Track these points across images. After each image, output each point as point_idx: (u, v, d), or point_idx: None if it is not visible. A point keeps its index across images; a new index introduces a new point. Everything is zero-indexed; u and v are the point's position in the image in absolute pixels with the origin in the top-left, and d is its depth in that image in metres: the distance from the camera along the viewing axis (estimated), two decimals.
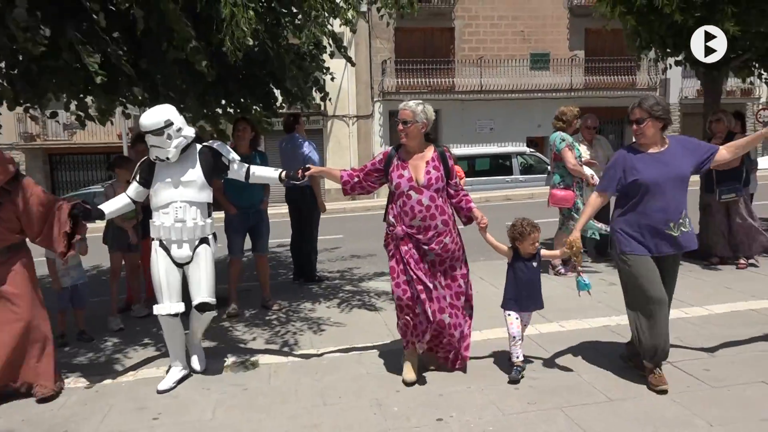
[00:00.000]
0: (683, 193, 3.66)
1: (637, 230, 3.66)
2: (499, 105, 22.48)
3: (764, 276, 6.29)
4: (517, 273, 3.98)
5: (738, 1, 6.01)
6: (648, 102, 3.66)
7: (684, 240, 3.63)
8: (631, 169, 3.67)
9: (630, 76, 23.20)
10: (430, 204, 3.81)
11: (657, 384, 3.65)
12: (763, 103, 24.55)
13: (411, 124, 3.83)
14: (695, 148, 3.73)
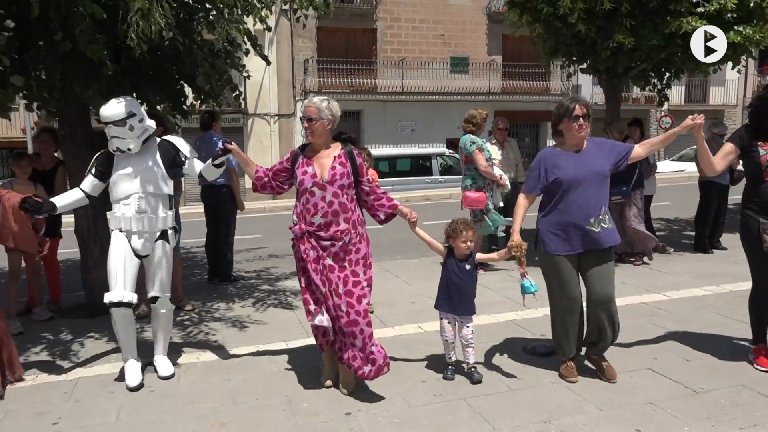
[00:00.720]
0: (603, 191, 3.82)
1: (560, 228, 3.80)
2: (420, 106, 22.86)
3: (656, 271, 6.75)
4: (450, 274, 3.95)
5: (634, 15, 6.43)
6: (585, 101, 3.85)
7: (605, 235, 3.79)
8: (552, 167, 3.83)
9: (544, 82, 24.14)
10: (333, 200, 3.70)
11: (567, 375, 3.88)
12: (665, 110, 26.19)
13: (316, 120, 3.75)
14: (611, 147, 3.95)
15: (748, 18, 6.68)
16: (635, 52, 6.90)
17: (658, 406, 3.48)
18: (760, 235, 3.80)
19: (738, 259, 7.06)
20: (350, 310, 3.64)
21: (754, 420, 3.29)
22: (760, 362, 3.97)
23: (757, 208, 3.85)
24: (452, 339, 3.98)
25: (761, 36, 6.64)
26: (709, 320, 5.01)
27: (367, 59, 22.40)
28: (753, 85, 28.32)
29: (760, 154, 3.80)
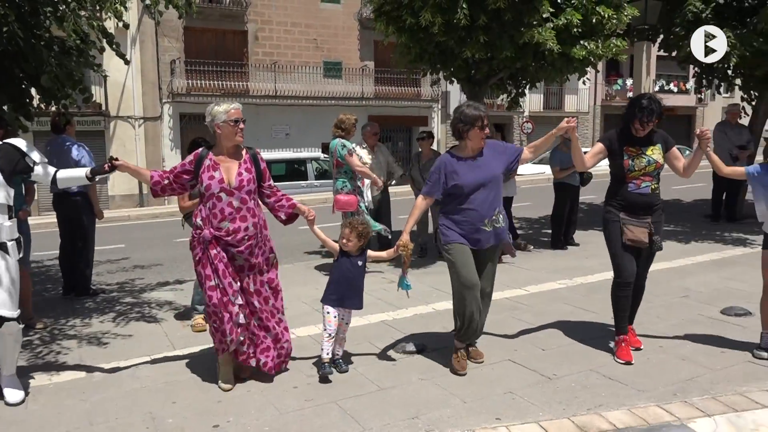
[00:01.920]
0: (498, 192, 4.07)
1: (458, 227, 4.00)
2: (294, 111, 22.70)
3: (517, 268, 7.18)
4: (342, 270, 4.05)
5: (490, 28, 6.81)
6: (485, 109, 4.07)
7: (497, 233, 4.05)
8: (451, 173, 4.01)
9: (416, 88, 24.88)
10: (240, 206, 3.80)
11: (457, 369, 4.04)
12: (527, 116, 27.93)
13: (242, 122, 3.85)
14: (504, 150, 4.18)
15: (592, 33, 7.30)
16: (493, 61, 7.30)
17: (516, 395, 3.70)
18: (621, 230, 4.13)
19: (589, 253, 7.71)
20: (263, 308, 3.93)
21: (600, 401, 3.59)
22: (621, 354, 4.18)
23: (618, 206, 4.18)
24: (334, 332, 4.04)
25: (603, 51, 7.29)
26: (563, 311, 5.40)
27: (239, 62, 21.90)
28: (602, 94, 31.00)
29: (624, 158, 4.12)
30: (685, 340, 4.56)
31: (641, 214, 4.11)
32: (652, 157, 4.10)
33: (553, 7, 6.97)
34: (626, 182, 4.12)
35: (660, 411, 3.42)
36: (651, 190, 4.11)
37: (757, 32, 7.82)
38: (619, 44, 7.52)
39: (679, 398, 3.58)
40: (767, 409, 3.41)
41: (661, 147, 4.15)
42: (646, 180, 4.10)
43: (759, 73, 8.65)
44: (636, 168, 4.09)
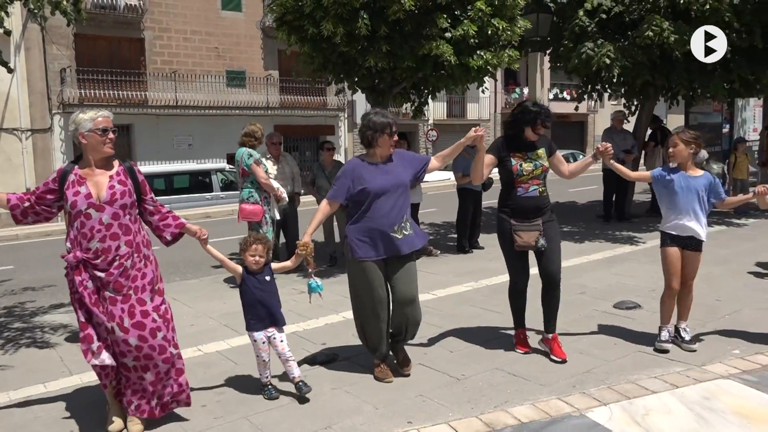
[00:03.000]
0: (406, 200, 4.08)
1: (366, 235, 3.97)
2: (197, 121, 22.06)
3: (425, 273, 7.31)
4: (253, 291, 3.82)
5: (391, 38, 6.94)
6: (394, 117, 4.09)
7: (407, 241, 4.03)
8: (359, 178, 3.99)
9: (322, 97, 24.85)
10: (111, 222, 3.38)
11: (383, 377, 4.06)
12: (431, 124, 28.60)
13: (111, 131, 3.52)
14: (412, 158, 4.23)
15: (488, 44, 7.60)
16: (395, 71, 7.45)
17: (427, 397, 3.78)
18: (512, 236, 4.29)
19: (492, 256, 7.98)
20: (142, 345, 3.37)
21: (505, 397, 3.73)
22: (520, 345, 4.50)
23: (509, 211, 4.33)
24: (268, 358, 3.89)
25: (497, 61, 7.62)
26: (469, 313, 5.57)
27: (136, 70, 21.02)
28: (501, 102, 32.29)
29: (512, 164, 4.29)
30: (582, 334, 4.83)
31: (532, 217, 4.27)
32: (539, 161, 4.28)
33: (451, 19, 7.21)
34: (515, 187, 4.28)
35: (561, 403, 3.59)
36: (539, 193, 4.28)
37: (637, 45, 8.42)
38: (513, 55, 7.87)
39: (577, 390, 3.78)
40: (656, 395, 3.67)
41: (545, 151, 4.35)
42: (533, 184, 4.27)
43: (639, 82, 9.31)
44: (524, 173, 4.26)
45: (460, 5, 7.36)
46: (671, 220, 4.36)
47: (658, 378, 3.91)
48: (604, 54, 8.35)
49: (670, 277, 4.37)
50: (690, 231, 4.30)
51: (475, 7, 7.19)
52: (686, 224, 4.29)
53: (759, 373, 3.94)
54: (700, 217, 4.30)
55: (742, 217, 10.32)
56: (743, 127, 15.84)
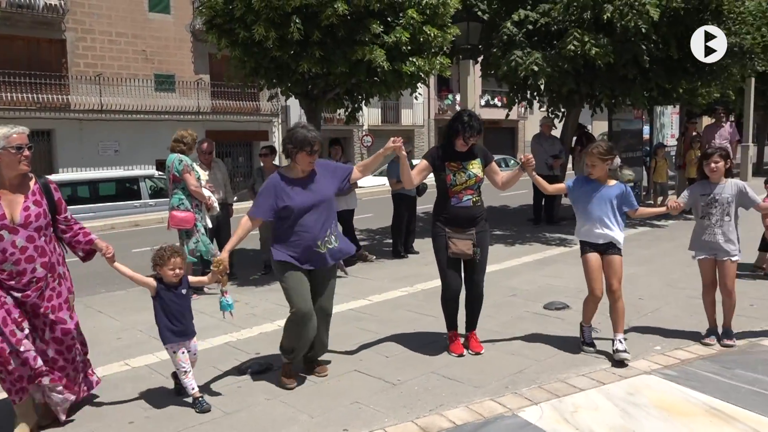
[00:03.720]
0: (330, 212, 4.05)
1: (291, 248, 3.93)
2: (123, 126, 21.32)
3: (361, 278, 7.33)
4: (169, 304, 3.75)
5: (324, 44, 6.93)
6: (318, 134, 4.01)
7: (332, 254, 4.03)
8: (282, 195, 3.92)
9: (255, 102, 24.51)
10: (26, 245, 3.32)
11: (286, 383, 4.02)
12: (366, 130, 28.70)
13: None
14: (335, 170, 4.19)
15: (420, 51, 7.69)
16: (329, 77, 7.44)
17: (362, 404, 3.77)
18: (446, 242, 4.33)
19: (427, 261, 8.06)
20: (58, 358, 3.49)
21: (440, 401, 3.77)
22: (453, 348, 4.55)
23: (444, 220, 4.37)
24: (190, 368, 3.81)
25: (430, 67, 7.73)
26: (405, 318, 5.60)
27: (57, 73, 20.13)
28: (435, 108, 32.78)
29: (446, 173, 4.32)
30: (514, 335, 4.94)
31: (465, 227, 4.32)
32: (473, 171, 4.33)
33: (384, 25, 7.26)
34: (449, 196, 4.33)
35: (494, 404, 3.66)
36: (473, 203, 4.33)
37: (562, 55, 8.73)
38: (444, 62, 8.01)
39: (510, 390, 3.87)
40: (584, 392, 3.79)
41: (481, 161, 4.40)
42: (467, 193, 4.32)
43: (565, 90, 9.65)
44: (458, 182, 4.31)
45: (392, 12, 7.42)
46: (586, 228, 4.43)
47: (585, 376, 4.05)
48: (532, 62, 8.61)
49: (592, 283, 4.43)
50: (606, 238, 4.39)
51: (407, 14, 7.28)
52: (601, 232, 4.38)
53: (678, 367, 4.14)
54: (614, 225, 4.39)
55: (662, 219, 10.84)
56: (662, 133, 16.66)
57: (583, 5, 8.36)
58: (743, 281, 6.33)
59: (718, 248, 4.49)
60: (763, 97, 18.04)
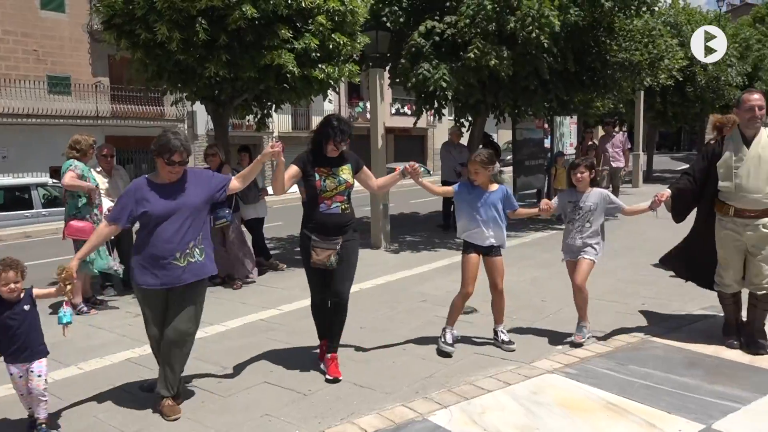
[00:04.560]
0: (196, 223, 3.75)
1: (149, 261, 3.66)
2: (12, 130, 19.93)
3: (271, 288, 7.20)
4: (4, 321, 3.40)
5: (231, 47, 6.77)
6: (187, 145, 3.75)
7: (192, 269, 3.71)
8: (142, 200, 3.66)
9: (159, 107, 23.63)
10: None
11: (169, 414, 3.70)
12: (276, 137, 28.33)
13: None
14: (209, 178, 3.95)
15: (330, 58, 7.68)
16: (237, 82, 7.28)
17: (273, 416, 3.69)
18: (309, 252, 4.18)
19: None
20: None
21: (352, 409, 3.76)
22: (322, 358, 4.38)
23: (311, 227, 4.22)
24: (25, 391, 3.50)
25: (339, 74, 7.73)
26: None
27: None
28: (345, 115, 32.84)
29: (316, 179, 4.20)
30: (425, 340, 5.00)
31: (333, 235, 4.18)
32: (343, 177, 4.24)
33: (293, 31, 7.19)
34: (318, 203, 4.19)
35: (405, 410, 3.69)
36: (341, 210, 4.21)
37: (467, 67, 8.98)
38: (354, 69, 8.04)
39: (420, 395, 3.91)
40: (491, 393, 3.89)
41: (351, 167, 4.32)
42: (337, 200, 4.21)
43: (471, 101, 9.94)
44: (328, 188, 4.18)
45: (301, 18, 7.37)
46: (471, 230, 4.62)
47: (493, 377, 4.16)
48: (440, 77, 8.80)
49: (467, 281, 4.64)
50: (489, 241, 4.60)
51: (316, 21, 7.24)
52: (485, 234, 4.58)
53: (578, 365, 4.33)
54: (499, 228, 4.62)
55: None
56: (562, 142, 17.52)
57: (488, 17, 8.65)
58: (638, 282, 6.75)
59: (577, 251, 4.78)
60: (651, 109, 19.36)
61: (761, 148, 4.35)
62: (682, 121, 20.34)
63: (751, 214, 4.37)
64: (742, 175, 4.36)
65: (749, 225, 4.38)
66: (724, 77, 18.97)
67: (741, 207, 4.40)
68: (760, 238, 4.38)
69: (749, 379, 4.01)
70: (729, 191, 4.43)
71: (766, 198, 4.33)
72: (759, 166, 4.32)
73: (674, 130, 26.15)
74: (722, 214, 4.54)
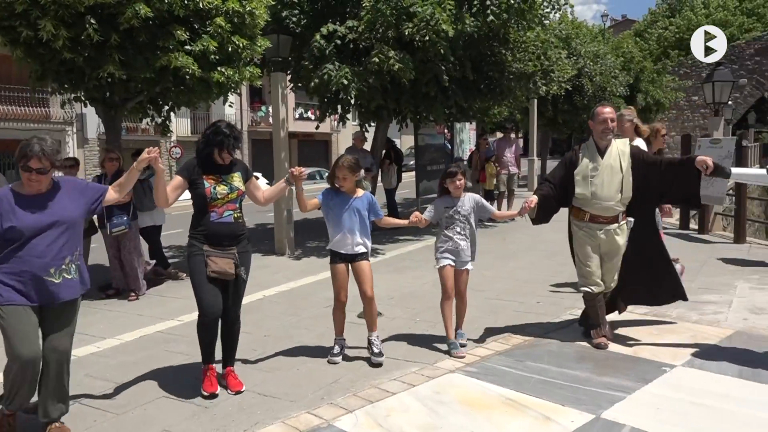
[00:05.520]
0: (71, 237, 3.50)
1: (15, 277, 3.33)
2: None
3: (168, 298, 6.93)
4: None
5: (124, 48, 6.47)
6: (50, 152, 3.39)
7: (66, 287, 3.45)
8: (8, 213, 3.34)
9: (44, 108, 22.15)
10: None
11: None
12: (174, 141, 27.33)
13: None
14: (84, 189, 3.67)
15: (229, 61, 7.51)
16: (130, 83, 6.96)
17: (171, 431, 3.54)
18: (204, 261, 4.00)
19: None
20: None
21: (256, 419, 3.68)
22: (207, 386, 4.04)
23: (201, 237, 4.05)
24: None
25: (240, 77, 7.57)
26: None
27: None
28: (248, 119, 32.25)
29: (205, 186, 4.01)
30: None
31: (226, 245, 4.05)
32: (234, 185, 4.12)
33: (190, 33, 6.97)
34: (208, 211, 4.02)
35: (310, 417, 3.66)
36: (234, 219, 4.09)
37: (369, 71, 9.08)
38: (255, 72, 7.90)
39: (326, 401, 3.89)
40: (395, 396, 3.94)
41: (241, 175, 4.21)
42: (228, 208, 4.08)
43: (373, 106, 10.05)
44: (218, 196, 4.04)
45: (198, 19, 7.15)
46: (339, 238, 4.60)
47: (397, 380, 4.21)
48: (342, 75, 8.84)
49: (338, 292, 4.63)
50: (355, 248, 4.60)
51: (214, 22, 7.05)
52: (351, 240, 4.58)
53: (478, 364, 4.48)
54: (365, 233, 4.64)
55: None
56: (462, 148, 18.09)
57: (387, 23, 8.78)
58: (534, 282, 7.07)
59: (459, 256, 4.88)
60: (543, 117, 20.39)
61: (613, 159, 4.74)
62: (571, 128, 21.55)
63: (603, 220, 4.78)
64: (597, 183, 4.73)
65: (602, 230, 4.78)
66: (610, 88, 20.34)
67: (595, 213, 4.79)
68: (611, 243, 4.80)
69: (633, 369, 4.30)
70: (585, 198, 4.79)
71: (617, 205, 4.74)
72: (611, 175, 4.71)
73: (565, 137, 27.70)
74: (578, 220, 4.89)
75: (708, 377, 4.15)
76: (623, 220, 4.83)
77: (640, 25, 46.28)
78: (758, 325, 5.27)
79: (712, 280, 6.98)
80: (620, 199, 4.73)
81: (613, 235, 4.78)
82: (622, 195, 4.72)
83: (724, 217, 13.33)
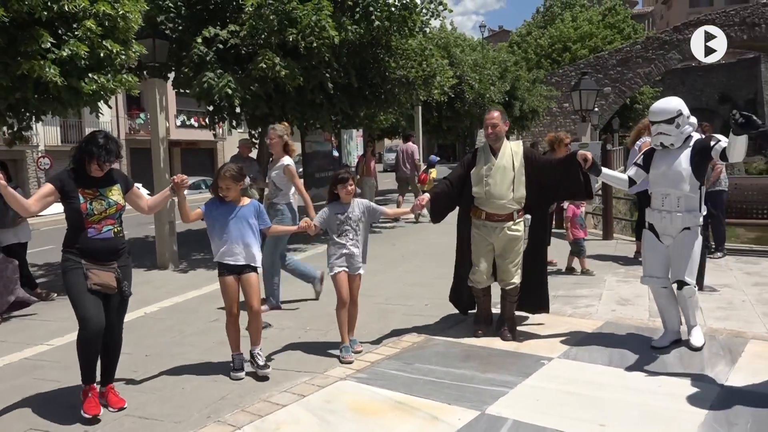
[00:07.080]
0: None
1: None
2: None
3: (39, 321, 6.42)
4: None
5: None
6: None
7: None
8: None
9: None
10: None
11: None
12: (42, 151, 25.42)
13: None
14: None
15: (101, 67, 7.06)
16: None
17: None
18: (84, 274, 3.80)
19: None
20: None
21: None
22: (88, 407, 3.81)
23: (79, 253, 3.83)
24: None
25: (115, 85, 7.14)
26: None
27: None
28: (125, 127, 30.63)
29: (80, 202, 3.81)
30: (217, 362, 4.81)
31: (106, 261, 3.89)
32: (113, 199, 3.94)
33: (55, 38, 6.50)
34: (85, 228, 3.84)
35: None
36: (114, 234, 3.93)
37: (253, 78, 8.92)
38: (132, 79, 7.50)
39: (212, 419, 3.76)
40: (285, 408, 3.87)
41: (121, 187, 4.04)
42: (107, 224, 3.90)
43: (258, 113, 9.88)
44: (95, 212, 3.85)
45: (64, 23, 6.68)
46: (226, 248, 4.48)
47: (287, 391, 4.14)
48: (225, 85, 8.62)
49: (230, 304, 4.52)
50: (245, 257, 4.50)
51: (83, 26, 6.61)
52: (242, 250, 4.48)
53: (369, 369, 4.51)
54: (253, 243, 4.55)
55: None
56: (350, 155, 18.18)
57: (270, 29, 8.67)
58: (421, 285, 7.23)
59: (352, 262, 4.91)
60: (427, 123, 20.98)
61: (506, 159, 5.08)
62: (455, 133, 22.35)
63: (499, 218, 5.07)
64: (491, 183, 5.04)
65: (497, 228, 5.08)
66: (488, 94, 21.30)
67: (491, 211, 5.08)
68: (506, 240, 5.09)
69: (515, 364, 4.51)
70: (481, 197, 5.10)
71: (510, 204, 5.05)
72: (504, 175, 5.04)
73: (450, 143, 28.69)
74: (476, 218, 5.19)
75: (581, 366, 4.44)
76: (519, 218, 5.12)
77: (515, 37, 48.91)
78: (624, 315, 5.71)
79: (584, 275, 7.49)
80: (513, 197, 5.03)
81: (507, 233, 5.05)
82: (514, 193, 5.02)
83: (594, 215, 14.35)
